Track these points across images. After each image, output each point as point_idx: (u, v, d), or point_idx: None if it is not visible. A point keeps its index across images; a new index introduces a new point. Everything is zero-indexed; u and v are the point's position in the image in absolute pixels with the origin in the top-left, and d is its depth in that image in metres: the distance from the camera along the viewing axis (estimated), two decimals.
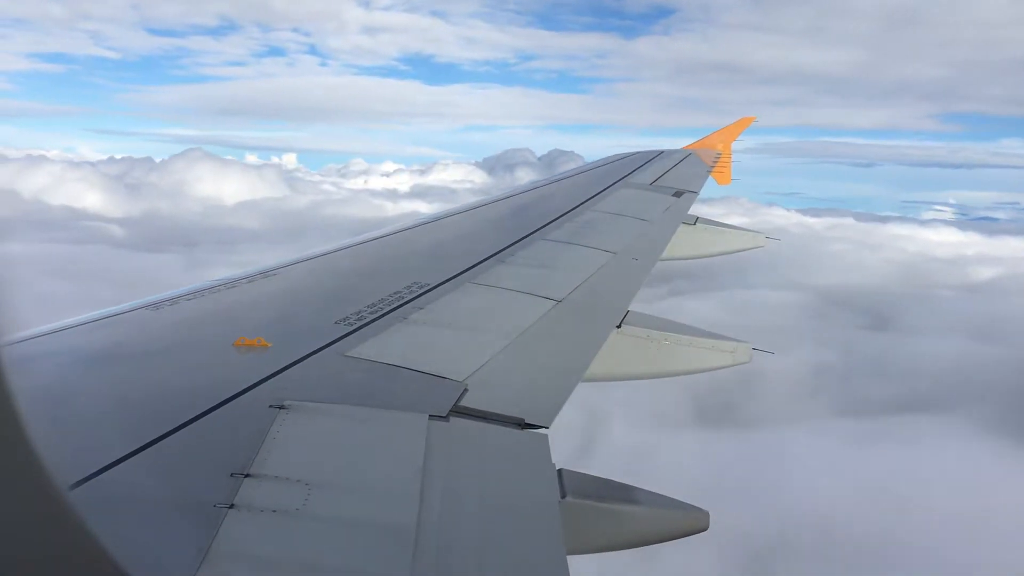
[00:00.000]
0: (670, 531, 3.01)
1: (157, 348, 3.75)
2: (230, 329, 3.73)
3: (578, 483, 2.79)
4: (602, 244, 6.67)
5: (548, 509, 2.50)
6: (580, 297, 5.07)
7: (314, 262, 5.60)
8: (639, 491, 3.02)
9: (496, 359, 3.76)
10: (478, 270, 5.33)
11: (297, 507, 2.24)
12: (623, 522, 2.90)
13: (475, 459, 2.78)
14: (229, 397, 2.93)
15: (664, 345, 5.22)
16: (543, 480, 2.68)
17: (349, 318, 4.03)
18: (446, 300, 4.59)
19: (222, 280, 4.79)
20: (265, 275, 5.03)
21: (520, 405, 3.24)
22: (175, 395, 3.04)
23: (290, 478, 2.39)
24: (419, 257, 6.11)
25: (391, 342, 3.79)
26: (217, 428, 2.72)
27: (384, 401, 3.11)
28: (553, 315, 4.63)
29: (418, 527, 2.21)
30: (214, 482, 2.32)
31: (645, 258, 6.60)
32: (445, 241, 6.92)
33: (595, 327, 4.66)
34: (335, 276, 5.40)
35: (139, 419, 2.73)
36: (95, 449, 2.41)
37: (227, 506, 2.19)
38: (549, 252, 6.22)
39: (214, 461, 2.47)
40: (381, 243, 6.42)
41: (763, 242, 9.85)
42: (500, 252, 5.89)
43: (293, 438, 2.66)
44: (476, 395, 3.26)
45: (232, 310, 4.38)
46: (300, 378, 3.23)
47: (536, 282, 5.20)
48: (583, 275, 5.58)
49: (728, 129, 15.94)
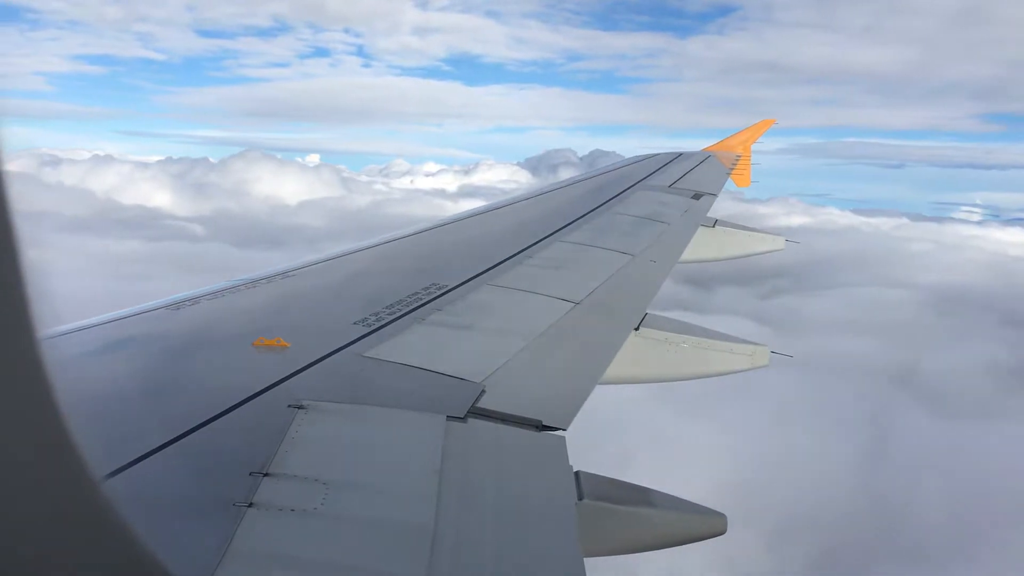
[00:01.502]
0: (687, 534, 2.99)
1: (177, 347, 3.79)
2: (249, 329, 3.76)
3: (595, 485, 2.78)
4: (620, 246, 6.65)
5: (565, 511, 2.50)
6: (598, 299, 5.06)
7: (332, 263, 5.63)
8: (656, 494, 3.00)
9: (514, 361, 3.76)
10: (496, 271, 5.33)
11: (315, 506, 2.26)
12: (640, 525, 2.89)
13: (492, 460, 2.78)
14: (248, 397, 2.95)
15: (682, 348, 5.19)
16: (560, 482, 2.67)
17: (367, 319, 4.05)
18: (464, 301, 4.59)
19: (242, 280, 4.82)
20: (284, 275, 5.06)
21: (538, 407, 3.23)
22: (195, 394, 3.07)
23: (308, 477, 2.40)
24: (437, 258, 6.13)
25: (409, 343, 3.80)
26: (236, 427, 2.74)
27: (402, 402, 3.12)
28: (571, 317, 4.62)
29: (435, 527, 2.22)
30: (233, 481, 2.34)
31: (664, 260, 6.58)
32: (463, 242, 6.93)
33: (613, 329, 4.64)
34: (353, 277, 5.43)
35: (159, 418, 2.76)
36: (116, 447, 2.44)
37: (246, 504, 2.20)
38: (568, 254, 6.21)
39: (233, 460, 2.49)
40: (399, 244, 6.44)
41: (782, 245, 9.75)
42: (518, 254, 5.88)
43: (311, 438, 2.68)
44: (494, 396, 3.26)
45: (251, 310, 4.41)
46: (318, 378, 3.25)
47: (554, 284, 5.20)
48: (601, 277, 5.57)
49: (748, 131, 15.86)
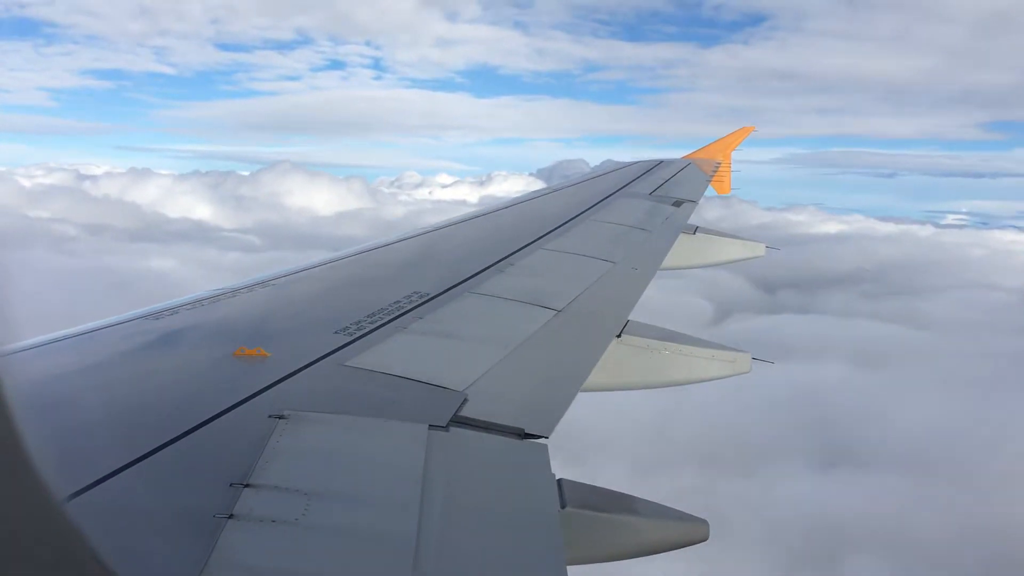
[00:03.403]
0: (670, 541, 3.01)
1: (157, 357, 3.75)
2: (230, 339, 3.73)
3: (578, 493, 2.79)
4: (602, 254, 6.68)
5: (548, 519, 2.50)
6: (580, 307, 5.07)
7: (313, 271, 5.60)
8: (639, 501, 3.01)
9: (496, 369, 3.75)
10: (478, 280, 5.33)
11: (297, 517, 2.24)
12: (623, 532, 2.90)
13: (475, 469, 2.78)
14: (229, 407, 2.93)
15: (664, 355, 5.22)
16: (543, 490, 2.67)
17: (349, 328, 4.03)
18: (446, 310, 4.59)
19: (222, 289, 4.79)
20: (265, 285, 5.03)
21: (520, 415, 3.23)
22: (175, 405, 3.04)
23: (290, 488, 2.39)
24: (419, 267, 6.12)
25: (391, 352, 3.79)
26: (216, 438, 2.71)
27: (384, 411, 3.10)
28: (553, 325, 4.63)
29: (418, 537, 2.21)
30: (213, 492, 2.32)
31: (645, 267, 6.61)
32: (445, 251, 6.93)
33: (595, 337, 4.65)
34: (334, 286, 5.40)
35: (139, 429, 2.73)
36: (94, 459, 2.41)
37: (226, 516, 2.18)
38: (549, 262, 6.22)
39: (213, 471, 2.47)
40: (380, 253, 6.43)
41: (762, 251, 9.85)
42: (500, 262, 5.89)
43: (293, 448, 2.66)
44: (476, 405, 3.26)
45: (232, 320, 4.38)
46: (300, 388, 3.23)
47: (536, 292, 5.20)
48: (583, 285, 5.58)
49: (728, 138, 16.05)
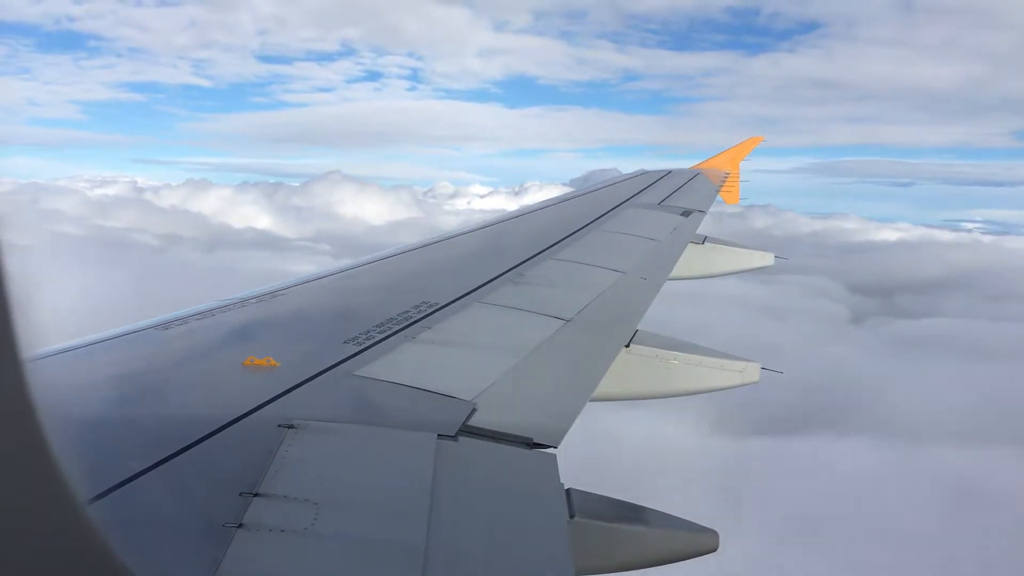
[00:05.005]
0: (679, 552, 2.99)
1: (167, 367, 3.77)
2: (240, 348, 3.75)
3: (587, 503, 2.78)
4: (611, 263, 6.68)
5: (557, 529, 2.49)
6: (589, 316, 5.07)
7: (322, 281, 5.62)
8: (648, 511, 3.00)
9: (505, 378, 3.76)
10: (487, 289, 5.34)
11: (306, 526, 2.24)
12: (632, 543, 2.89)
13: (484, 479, 2.78)
14: (238, 416, 2.94)
15: (673, 364, 5.21)
16: (552, 500, 2.67)
17: (358, 337, 4.04)
18: (455, 319, 4.60)
19: (232, 299, 4.81)
20: (274, 294, 5.06)
21: (529, 425, 3.23)
22: (185, 414, 3.05)
23: (299, 497, 2.39)
24: (428, 276, 6.13)
25: (399, 361, 3.79)
26: (226, 447, 2.72)
27: (392, 420, 3.11)
28: (562, 334, 4.63)
29: (427, 547, 2.21)
30: (223, 501, 2.32)
31: (654, 277, 6.60)
32: (454, 260, 6.94)
33: (604, 346, 4.65)
34: (343, 295, 5.42)
35: (149, 438, 2.74)
36: (105, 467, 2.42)
37: (236, 525, 2.19)
38: (558, 271, 6.22)
39: (223, 480, 2.48)
40: (389, 262, 6.45)
41: (771, 261, 9.84)
42: (509, 271, 5.90)
43: (302, 457, 2.67)
44: (485, 414, 3.26)
45: (242, 329, 4.40)
46: (309, 397, 3.24)
47: (545, 301, 5.21)
48: (592, 294, 5.59)
49: (736, 148, 16.06)
